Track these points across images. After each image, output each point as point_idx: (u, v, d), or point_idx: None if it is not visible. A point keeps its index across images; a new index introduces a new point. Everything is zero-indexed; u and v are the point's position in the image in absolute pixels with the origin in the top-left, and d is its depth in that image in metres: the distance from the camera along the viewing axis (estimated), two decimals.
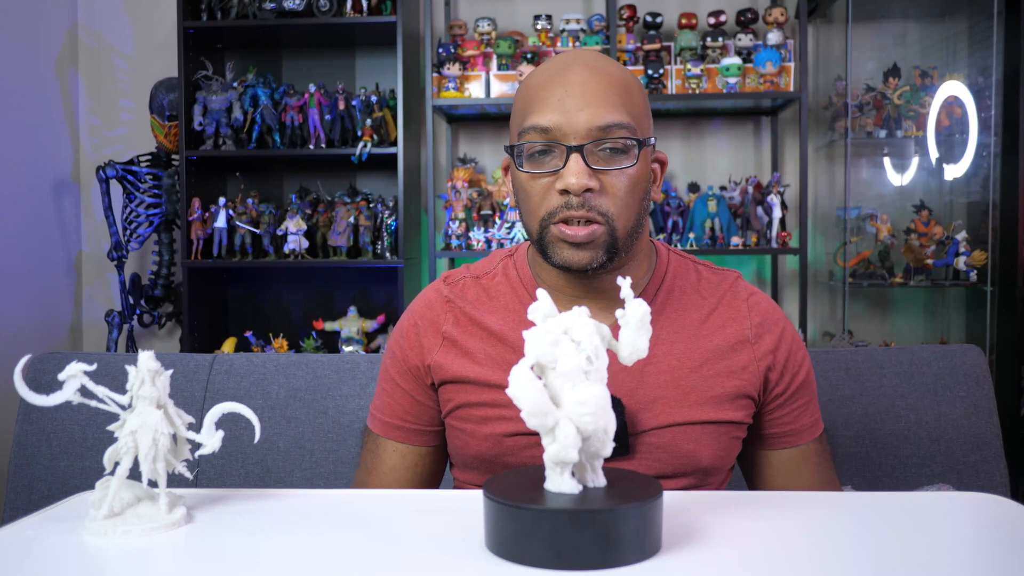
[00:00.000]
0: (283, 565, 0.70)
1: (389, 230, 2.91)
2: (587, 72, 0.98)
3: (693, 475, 1.02)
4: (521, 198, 1.02)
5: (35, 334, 3.02)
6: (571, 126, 0.95)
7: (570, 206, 0.96)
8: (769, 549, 0.71)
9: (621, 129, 0.96)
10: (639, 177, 0.99)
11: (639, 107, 1.00)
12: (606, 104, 0.96)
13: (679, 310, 1.05)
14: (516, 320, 1.05)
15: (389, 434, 1.11)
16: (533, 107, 0.98)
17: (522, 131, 0.99)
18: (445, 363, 1.06)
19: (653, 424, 1.00)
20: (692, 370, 1.02)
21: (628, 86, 0.99)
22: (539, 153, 0.98)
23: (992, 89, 2.91)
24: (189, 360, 1.53)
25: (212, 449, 0.81)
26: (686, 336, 1.04)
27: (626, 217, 0.98)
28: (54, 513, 0.83)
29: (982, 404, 1.44)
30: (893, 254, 3.01)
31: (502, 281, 1.09)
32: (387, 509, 0.87)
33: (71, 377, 0.76)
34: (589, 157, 0.96)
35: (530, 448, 1.01)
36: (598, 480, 0.72)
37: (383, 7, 2.91)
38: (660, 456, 1.00)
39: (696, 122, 3.20)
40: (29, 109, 3.04)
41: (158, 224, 3.09)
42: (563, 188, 0.95)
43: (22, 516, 0.83)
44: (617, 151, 0.97)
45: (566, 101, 0.96)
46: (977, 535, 0.79)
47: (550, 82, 0.98)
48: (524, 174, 0.99)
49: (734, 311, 1.06)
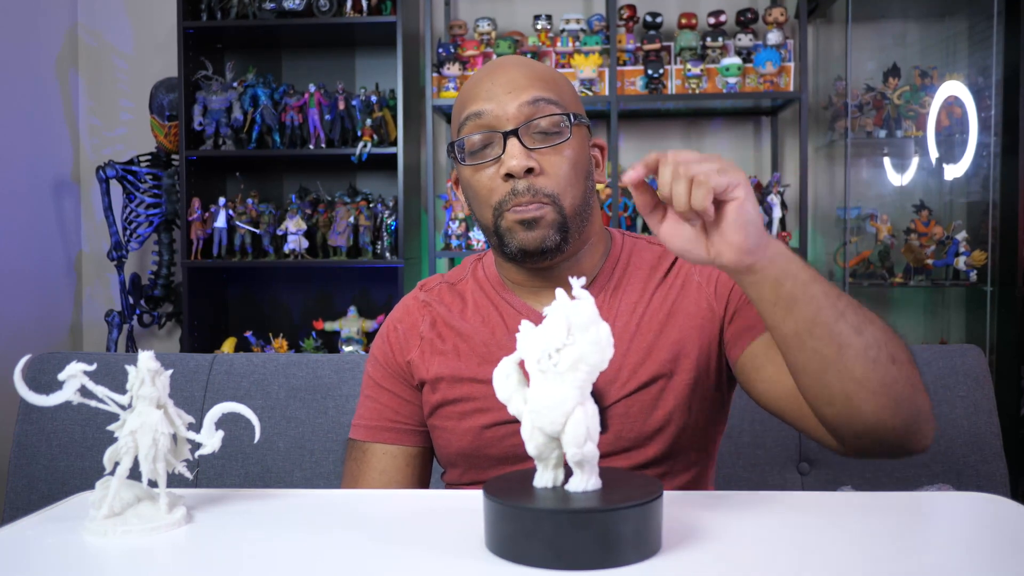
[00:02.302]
0: (283, 565, 0.70)
1: (389, 230, 2.91)
2: (513, 65, 1.05)
3: (670, 437, 1.02)
4: (470, 195, 1.06)
5: (35, 334, 3.02)
6: (502, 109, 1.01)
7: (517, 192, 1.00)
8: (769, 549, 0.71)
9: (549, 104, 1.01)
10: (577, 155, 1.03)
11: (566, 90, 1.06)
12: (531, 85, 1.02)
13: (636, 284, 1.08)
14: (485, 318, 1.09)
15: (377, 437, 1.11)
16: (467, 101, 1.04)
17: (460, 125, 1.04)
18: (422, 364, 1.09)
19: (621, 394, 1.02)
20: (655, 330, 1.04)
21: (553, 75, 1.06)
22: (479, 149, 1.02)
23: (992, 89, 2.91)
24: (189, 360, 1.53)
25: (212, 449, 0.81)
26: (643, 302, 1.07)
27: (571, 195, 1.02)
28: (54, 513, 0.83)
29: (982, 404, 1.44)
30: (893, 254, 3.01)
31: (472, 284, 1.13)
32: (387, 509, 0.87)
33: (71, 377, 0.76)
34: (525, 139, 1.00)
35: (509, 437, 1.03)
36: (581, 483, 0.70)
37: (383, 7, 2.91)
38: (633, 425, 1.02)
39: (696, 122, 3.20)
40: (29, 109, 3.04)
41: (158, 224, 3.09)
42: (506, 172, 0.99)
43: (22, 516, 0.83)
44: (551, 132, 1.01)
45: (494, 89, 1.02)
46: (977, 535, 0.79)
47: (481, 78, 1.05)
48: (468, 168, 1.04)
49: (678, 266, 1.09)
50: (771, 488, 1.42)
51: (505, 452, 1.03)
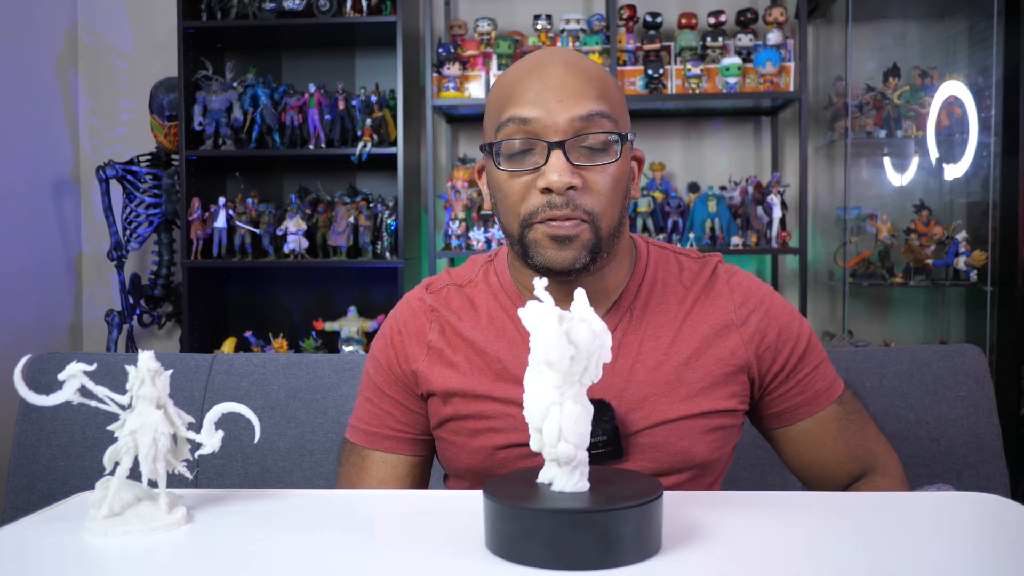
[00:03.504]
0: (283, 565, 0.70)
1: (389, 230, 2.91)
2: (564, 67, 0.95)
3: (689, 471, 1.00)
4: (499, 198, 0.98)
5: (35, 334, 3.02)
6: (551, 119, 0.92)
7: (553, 205, 0.93)
8: (769, 549, 0.71)
9: (603, 119, 0.94)
10: (621, 174, 0.96)
11: (617, 102, 0.98)
12: (586, 96, 0.93)
13: (662, 304, 1.03)
14: (500, 331, 1.03)
15: (377, 445, 1.07)
16: (511, 100, 0.95)
17: (500, 125, 0.95)
18: (431, 375, 1.03)
19: (645, 424, 0.98)
20: (681, 364, 1.00)
21: (605, 81, 0.97)
22: (518, 152, 0.95)
23: (992, 89, 2.91)
24: (189, 360, 1.53)
25: (212, 449, 0.81)
26: (672, 329, 1.02)
27: (610, 216, 0.95)
28: (54, 513, 0.83)
29: (982, 404, 1.44)
30: (893, 254, 3.01)
31: (484, 290, 1.06)
32: (387, 509, 0.87)
33: (71, 377, 0.76)
34: (571, 154, 0.93)
35: (521, 459, 0.99)
36: (560, 482, 0.71)
37: (383, 7, 2.91)
38: (654, 456, 0.99)
39: (696, 122, 3.20)
40: (29, 109, 3.04)
41: (158, 224, 3.09)
42: (545, 186, 0.92)
43: (22, 516, 0.83)
44: (598, 149, 0.94)
45: (545, 94, 0.93)
46: (977, 535, 0.79)
47: (527, 76, 0.95)
48: (503, 172, 0.96)
49: (716, 295, 1.04)
50: (771, 488, 1.42)
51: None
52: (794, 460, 1.07)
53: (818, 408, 1.04)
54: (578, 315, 0.71)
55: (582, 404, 0.70)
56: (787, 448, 1.07)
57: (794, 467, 1.08)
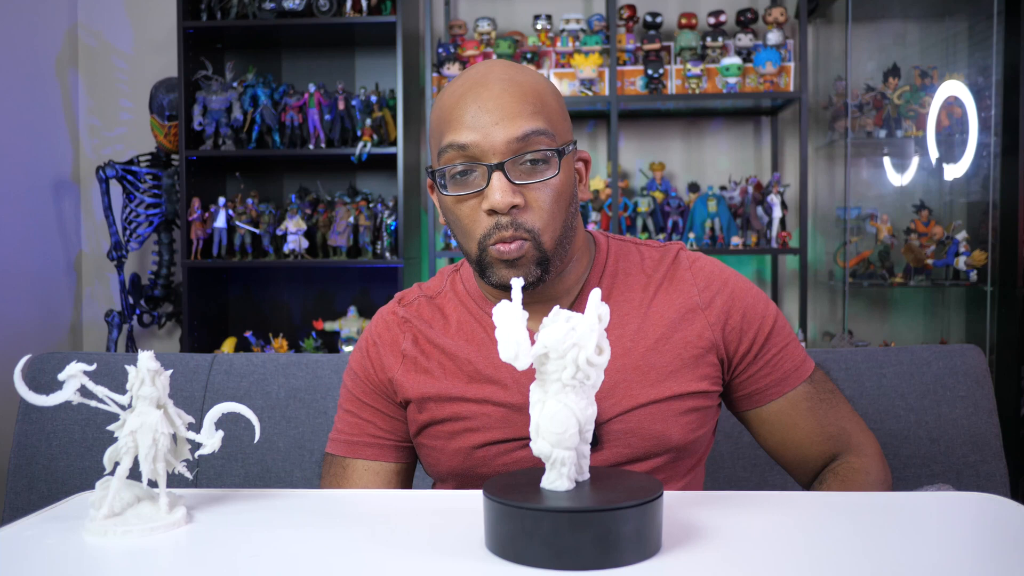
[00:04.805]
0: (283, 565, 0.70)
1: (389, 230, 2.91)
2: (500, 85, 0.97)
3: (666, 454, 1.01)
4: (451, 220, 1.01)
5: (35, 334, 3.02)
6: (488, 142, 0.95)
7: (500, 226, 0.96)
8: (769, 549, 0.71)
9: (540, 136, 0.96)
10: (563, 186, 0.99)
11: (555, 112, 1.00)
12: (521, 115, 0.95)
13: (625, 292, 1.05)
14: (469, 335, 1.06)
15: (359, 453, 1.08)
16: (449, 126, 0.98)
17: (441, 151, 0.98)
18: (406, 382, 1.06)
19: (617, 411, 1.00)
20: (648, 348, 1.02)
21: (541, 93, 0.99)
22: (460, 174, 0.97)
23: (992, 89, 2.91)
24: (189, 360, 1.53)
25: (212, 449, 0.81)
26: (637, 316, 1.03)
27: (552, 229, 0.98)
28: (54, 513, 0.83)
29: (982, 404, 1.44)
30: (893, 254, 3.01)
31: (452, 298, 1.09)
32: (387, 509, 0.87)
33: (71, 377, 0.76)
34: (511, 172, 0.95)
35: (500, 456, 1.01)
36: (545, 479, 0.72)
37: (383, 7, 2.91)
38: (630, 441, 1.00)
39: (696, 122, 3.20)
40: (29, 109, 3.04)
41: (158, 224, 3.09)
42: (489, 208, 0.95)
43: (22, 516, 0.83)
44: (537, 162, 0.96)
45: (480, 117, 0.95)
46: (977, 535, 0.79)
47: (463, 99, 0.97)
48: (450, 198, 0.99)
49: (679, 281, 1.06)
50: (771, 488, 1.42)
51: (497, 472, 1.02)
52: (767, 441, 1.08)
53: (788, 388, 1.06)
54: (555, 316, 0.73)
55: (564, 403, 0.71)
56: (760, 430, 1.08)
57: (768, 448, 1.09)
